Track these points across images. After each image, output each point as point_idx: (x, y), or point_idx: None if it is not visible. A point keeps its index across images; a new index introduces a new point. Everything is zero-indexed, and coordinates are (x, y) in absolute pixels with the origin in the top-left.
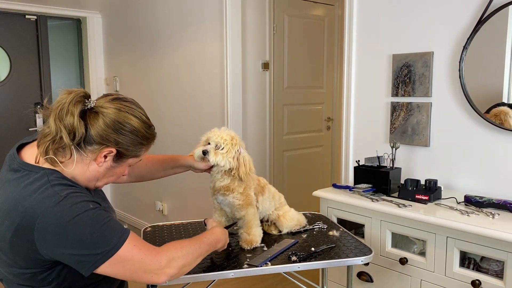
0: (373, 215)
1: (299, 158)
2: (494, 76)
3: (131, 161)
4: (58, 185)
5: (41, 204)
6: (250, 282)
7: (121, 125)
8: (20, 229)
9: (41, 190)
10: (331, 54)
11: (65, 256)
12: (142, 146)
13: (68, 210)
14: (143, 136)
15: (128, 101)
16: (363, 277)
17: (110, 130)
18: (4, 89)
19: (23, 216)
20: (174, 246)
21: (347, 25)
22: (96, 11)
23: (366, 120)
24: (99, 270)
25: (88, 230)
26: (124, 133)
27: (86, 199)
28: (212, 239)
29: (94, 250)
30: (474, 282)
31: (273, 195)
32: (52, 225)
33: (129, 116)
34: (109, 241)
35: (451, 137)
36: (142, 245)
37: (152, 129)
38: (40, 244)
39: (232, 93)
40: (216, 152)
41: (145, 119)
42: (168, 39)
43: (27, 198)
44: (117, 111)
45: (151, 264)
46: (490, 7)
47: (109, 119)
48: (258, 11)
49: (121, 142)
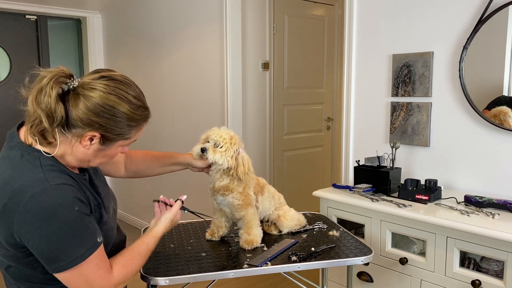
0: (373, 215)
1: (299, 158)
2: (494, 76)
3: (121, 143)
4: (52, 171)
5: (29, 189)
6: (250, 282)
7: (104, 109)
8: (6, 210)
9: (31, 174)
10: (331, 54)
11: (35, 248)
12: (131, 128)
13: (54, 201)
14: (130, 119)
15: (116, 80)
16: (363, 277)
17: (92, 114)
18: (4, 89)
19: (10, 197)
20: (124, 265)
21: (347, 25)
22: (96, 11)
23: (366, 120)
24: (60, 275)
25: (65, 231)
26: (107, 117)
27: (76, 195)
28: (157, 234)
29: (62, 253)
30: (474, 282)
31: (272, 195)
32: (33, 213)
33: (114, 99)
34: (78, 249)
35: (451, 137)
36: (102, 264)
37: (141, 110)
38: (16, 227)
39: (232, 93)
40: (214, 150)
41: (133, 100)
42: (168, 39)
43: (17, 180)
44: (101, 93)
45: (100, 285)
46: (490, 7)
47: (91, 103)
48: (258, 11)
49: (105, 126)
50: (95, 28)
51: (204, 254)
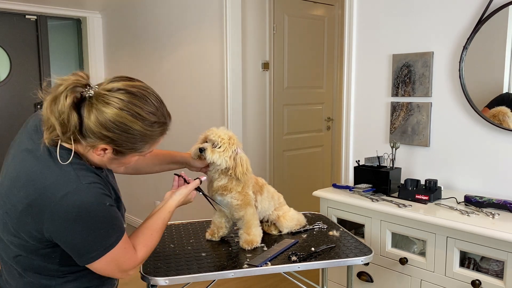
0: (373, 215)
1: (299, 158)
2: (494, 76)
3: (135, 154)
4: (81, 169)
5: (61, 187)
6: (250, 282)
7: (115, 125)
8: (34, 205)
9: (62, 172)
10: (331, 54)
11: (68, 243)
12: (145, 143)
13: (86, 200)
14: (144, 135)
15: (132, 94)
16: (363, 277)
17: (103, 129)
18: (4, 89)
19: (41, 193)
20: (145, 244)
21: (347, 25)
22: (96, 11)
23: (366, 120)
24: (93, 264)
25: (98, 225)
26: (119, 133)
27: (104, 192)
28: (171, 208)
29: (95, 245)
30: (474, 282)
31: (272, 195)
32: (67, 211)
33: (127, 116)
34: (109, 239)
35: (451, 137)
36: (128, 246)
37: (157, 126)
38: (48, 225)
39: (232, 93)
40: (213, 150)
41: (148, 117)
42: (168, 39)
43: (48, 176)
44: (114, 109)
45: (128, 266)
46: (490, 7)
47: (103, 118)
48: (258, 11)
49: (116, 141)
50: (95, 28)
51: (204, 254)
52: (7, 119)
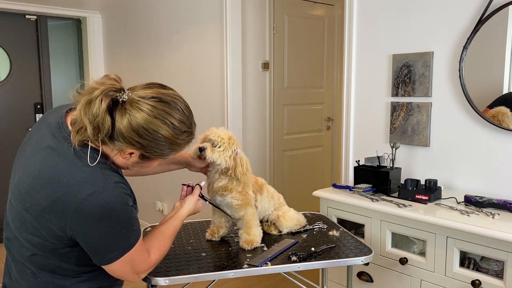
0: (373, 215)
1: (299, 158)
2: (494, 76)
3: (160, 160)
4: (106, 169)
5: (89, 186)
6: (250, 282)
7: (147, 131)
8: (59, 203)
9: (90, 171)
10: (331, 54)
11: (89, 243)
12: (172, 150)
13: (112, 200)
14: (172, 143)
15: (164, 102)
16: (363, 277)
17: (134, 134)
18: (4, 89)
19: (67, 190)
20: (159, 249)
21: (347, 25)
22: (96, 11)
23: (366, 120)
24: (111, 265)
25: (120, 226)
26: (149, 140)
27: (128, 192)
28: (183, 217)
29: (116, 246)
30: (474, 282)
31: (272, 195)
32: (93, 210)
33: (158, 124)
34: (129, 240)
35: (451, 137)
36: (143, 249)
37: (185, 135)
38: (72, 223)
39: (232, 93)
40: (213, 149)
41: (178, 125)
42: (168, 39)
43: (74, 175)
44: (146, 116)
45: (142, 268)
46: (490, 7)
47: (135, 123)
48: (258, 11)
49: (145, 147)
50: (95, 28)
51: (204, 254)
52: (7, 119)
